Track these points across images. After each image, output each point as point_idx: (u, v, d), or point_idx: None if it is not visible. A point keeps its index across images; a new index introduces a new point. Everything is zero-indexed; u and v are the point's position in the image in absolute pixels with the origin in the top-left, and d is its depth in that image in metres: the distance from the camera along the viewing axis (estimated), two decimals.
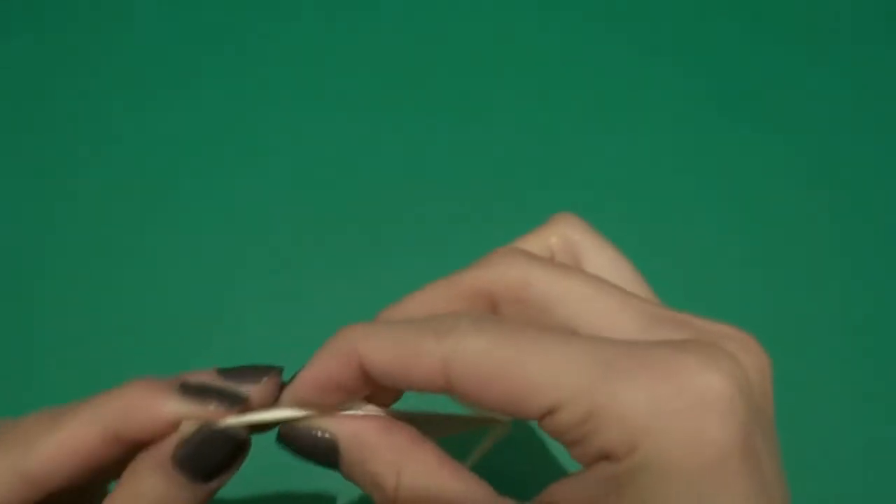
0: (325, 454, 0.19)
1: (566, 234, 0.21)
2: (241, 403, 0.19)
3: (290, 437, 0.19)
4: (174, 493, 0.18)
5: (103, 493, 0.19)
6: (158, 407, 0.19)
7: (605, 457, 0.16)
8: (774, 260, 0.38)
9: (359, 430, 0.18)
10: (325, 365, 0.18)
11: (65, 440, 0.18)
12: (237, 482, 0.20)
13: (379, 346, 0.17)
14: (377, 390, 0.19)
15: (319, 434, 0.19)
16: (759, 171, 0.40)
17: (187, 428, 0.19)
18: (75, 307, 0.35)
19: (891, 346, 0.36)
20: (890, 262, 0.38)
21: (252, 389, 0.19)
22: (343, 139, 0.41)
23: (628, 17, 0.46)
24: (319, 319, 0.35)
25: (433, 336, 0.17)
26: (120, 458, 0.19)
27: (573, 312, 0.18)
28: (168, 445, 0.18)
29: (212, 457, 0.18)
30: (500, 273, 0.19)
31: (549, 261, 0.19)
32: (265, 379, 0.20)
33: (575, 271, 0.19)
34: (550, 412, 0.16)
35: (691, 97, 0.43)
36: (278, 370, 0.20)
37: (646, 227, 0.38)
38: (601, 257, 0.21)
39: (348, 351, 0.18)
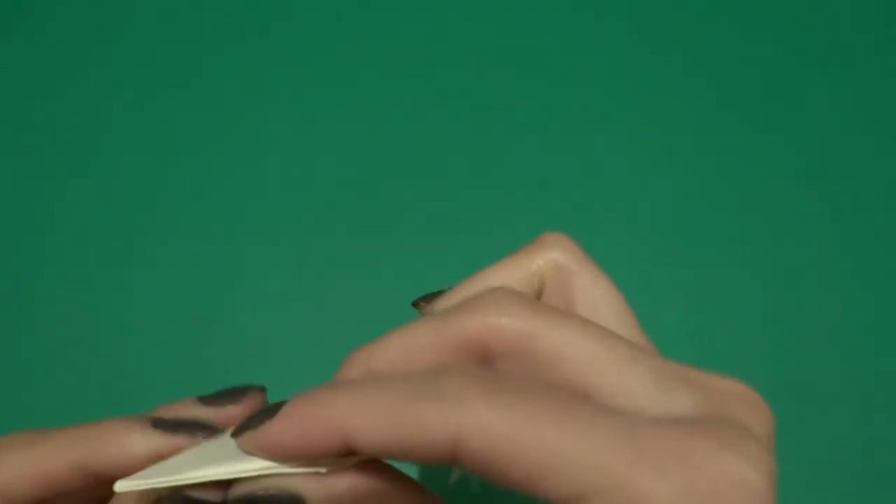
0: None
1: (557, 260, 0.20)
2: (216, 433, 0.19)
3: (247, 500, 0.16)
4: None
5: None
6: (129, 444, 0.18)
7: None
8: (774, 260, 0.38)
9: (333, 490, 0.16)
10: (302, 433, 0.16)
11: (35, 462, 0.18)
12: None
13: (372, 421, 0.15)
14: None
15: (280, 496, 0.16)
16: (759, 171, 0.40)
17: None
18: (75, 308, 0.35)
19: (891, 347, 0.36)
20: (890, 262, 0.38)
21: (233, 410, 0.19)
22: (343, 139, 0.41)
23: (628, 17, 0.46)
24: (319, 319, 0.35)
25: (436, 404, 0.15)
26: (92, 485, 0.19)
27: (581, 371, 0.16)
28: None
29: None
30: (501, 324, 0.17)
31: (553, 309, 0.17)
32: (244, 399, 0.19)
33: (581, 322, 0.17)
34: (576, 500, 0.14)
35: (691, 97, 0.43)
36: (259, 390, 0.20)
37: (645, 227, 0.38)
38: (594, 289, 0.20)
39: (332, 426, 0.15)
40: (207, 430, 0.19)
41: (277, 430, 0.16)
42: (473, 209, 0.39)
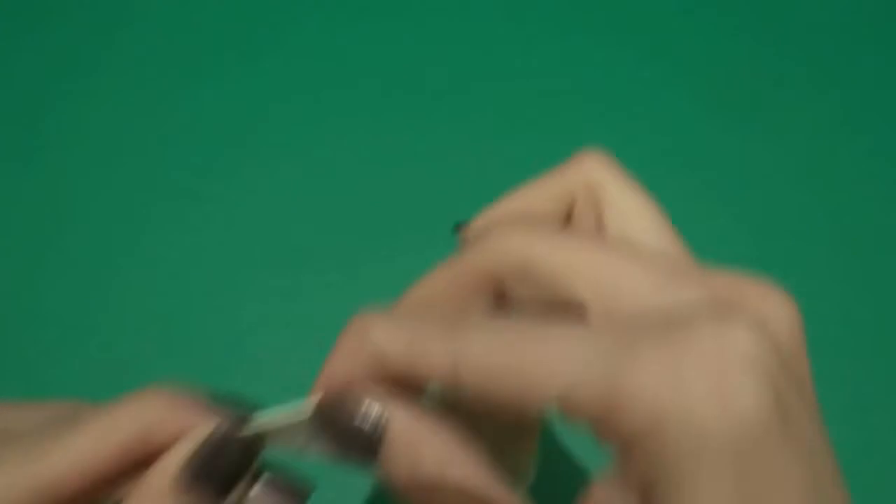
0: (369, 437, 0.17)
1: (589, 175, 0.20)
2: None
3: (332, 414, 0.18)
4: None
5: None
6: (183, 420, 0.18)
7: (632, 441, 0.14)
8: (774, 259, 0.38)
9: (413, 415, 0.17)
10: (346, 354, 0.18)
11: (82, 453, 0.18)
12: None
13: (393, 337, 0.17)
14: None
15: (370, 409, 0.17)
16: (759, 171, 0.40)
17: (193, 440, 0.18)
18: (74, 307, 0.36)
19: (891, 347, 0.36)
20: (890, 262, 0.38)
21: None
22: (343, 139, 0.41)
23: (627, 17, 0.46)
24: (319, 318, 0.35)
25: (441, 333, 0.17)
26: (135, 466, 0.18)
27: (582, 283, 0.17)
28: (176, 460, 0.18)
29: (223, 464, 0.18)
30: (501, 254, 0.18)
31: (553, 230, 0.18)
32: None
33: (581, 238, 0.18)
34: (566, 396, 0.15)
35: (691, 97, 0.43)
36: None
37: None
38: (627, 202, 0.20)
39: (363, 345, 0.18)
40: (253, 406, 0.19)
41: (333, 361, 0.18)
42: (474, 209, 0.39)
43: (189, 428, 0.18)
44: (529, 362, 0.16)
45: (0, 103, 0.41)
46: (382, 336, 0.17)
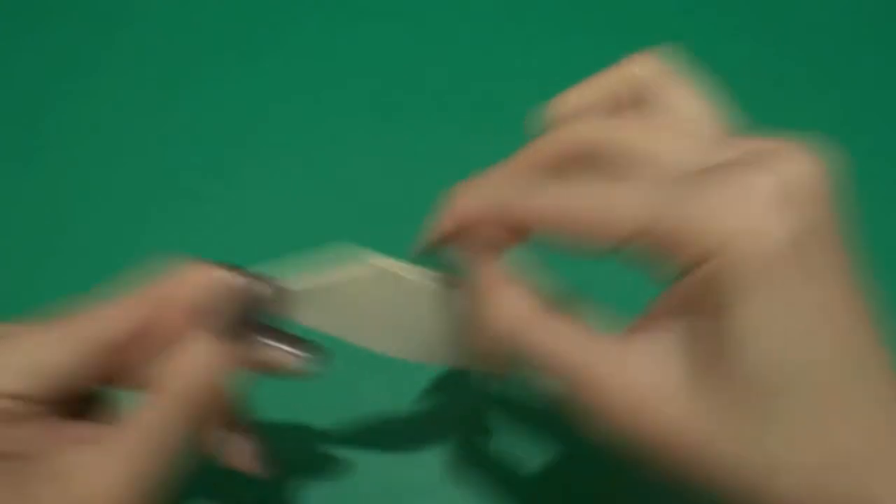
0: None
1: (641, 73, 0.23)
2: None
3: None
4: (214, 361, 0.20)
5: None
6: (208, 275, 0.21)
7: (688, 269, 0.18)
8: None
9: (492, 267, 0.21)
10: (444, 214, 0.22)
11: (130, 308, 0.21)
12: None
13: (480, 198, 0.21)
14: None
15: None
16: None
17: (226, 284, 0.21)
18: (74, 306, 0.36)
19: (891, 347, 0.36)
20: (891, 263, 0.38)
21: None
22: (343, 139, 0.41)
23: (627, 17, 0.46)
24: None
25: (526, 190, 0.20)
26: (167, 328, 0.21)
27: (641, 154, 0.20)
28: (201, 313, 0.21)
29: (242, 314, 0.21)
30: (573, 136, 0.21)
31: (614, 116, 0.22)
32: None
33: (640, 122, 0.21)
34: (642, 228, 0.18)
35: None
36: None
37: None
38: (675, 93, 0.23)
39: (463, 204, 0.22)
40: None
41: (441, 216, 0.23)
42: None
43: (219, 283, 0.21)
44: (606, 205, 0.19)
45: (0, 103, 0.41)
46: (472, 196, 0.22)
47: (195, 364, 0.20)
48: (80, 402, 0.23)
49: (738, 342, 0.17)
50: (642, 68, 0.23)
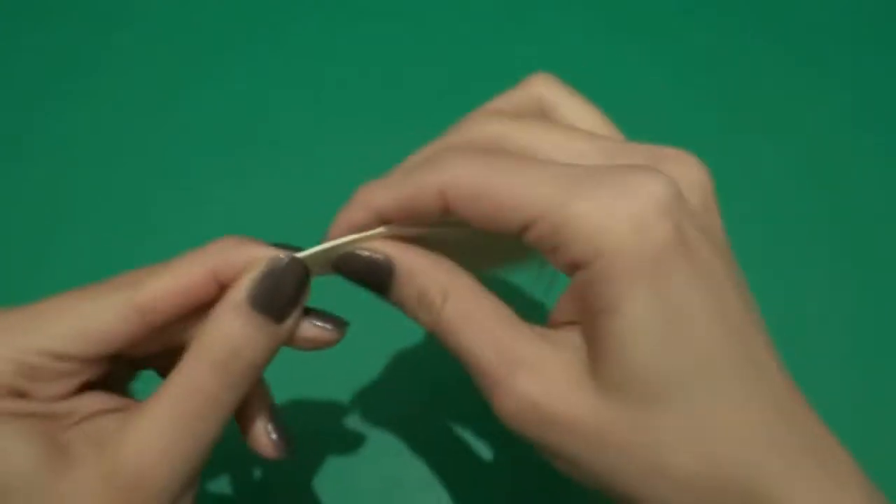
0: (380, 274, 0.22)
1: (539, 91, 0.24)
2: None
3: (347, 262, 0.22)
4: (253, 335, 0.21)
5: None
6: (252, 249, 0.22)
7: (578, 265, 0.19)
8: (775, 259, 0.38)
9: (411, 253, 0.21)
10: (353, 209, 0.22)
11: (176, 277, 0.21)
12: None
13: (388, 191, 0.21)
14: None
15: (377, 256, 0.22)
16: (759, 170, 0.40)
17: (256, 270, 0.21)
18: None
19: (891, 347, 0.36)
20: (890, 262, 0.38)
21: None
22: (343, 139, 0.41)
23: (627, 17, 0.46)
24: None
25: (430, 171, 0.20)
26: (209, 301, 0.22)
27: (542, 155, 0.21)
28: (243, 288, 0.21)
29: (282, 290, 0.21)
30: (479, 127, 0.22)
31: (522, 117, 0.22)
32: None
33: (545, 122, 0.22)
34: (528, 226, 0.19)
35: (691, 97, 0.43)
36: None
37: None
38: (571, 107, 0.24)
39: (367, 200, 0.22)
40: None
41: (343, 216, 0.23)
42: None
43: (258, 253, 0.22)
44: (502, 195, 0.19)
45: (0, 103, 0.41)
46: (379, 191, 0.21)
47: (237, 335, 0.21)
48: (123, 382, 0.24)
49: (619, 343, 0.18)
50: (540, 87, 0.24)
